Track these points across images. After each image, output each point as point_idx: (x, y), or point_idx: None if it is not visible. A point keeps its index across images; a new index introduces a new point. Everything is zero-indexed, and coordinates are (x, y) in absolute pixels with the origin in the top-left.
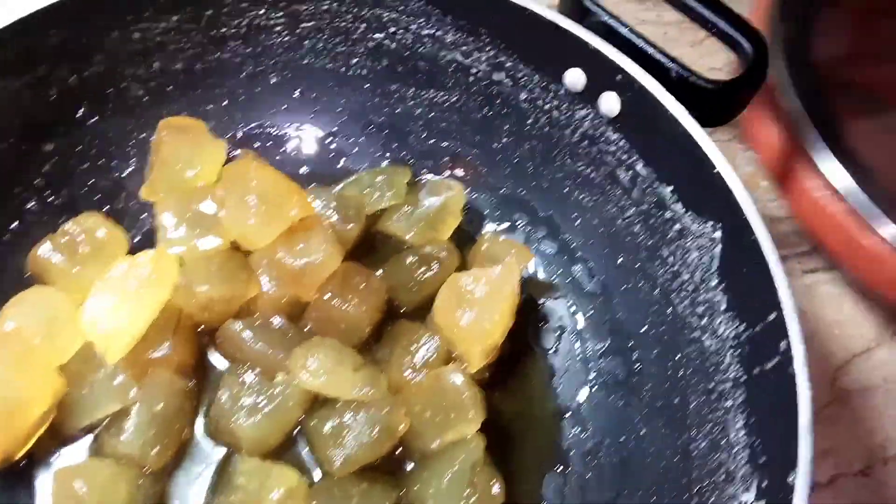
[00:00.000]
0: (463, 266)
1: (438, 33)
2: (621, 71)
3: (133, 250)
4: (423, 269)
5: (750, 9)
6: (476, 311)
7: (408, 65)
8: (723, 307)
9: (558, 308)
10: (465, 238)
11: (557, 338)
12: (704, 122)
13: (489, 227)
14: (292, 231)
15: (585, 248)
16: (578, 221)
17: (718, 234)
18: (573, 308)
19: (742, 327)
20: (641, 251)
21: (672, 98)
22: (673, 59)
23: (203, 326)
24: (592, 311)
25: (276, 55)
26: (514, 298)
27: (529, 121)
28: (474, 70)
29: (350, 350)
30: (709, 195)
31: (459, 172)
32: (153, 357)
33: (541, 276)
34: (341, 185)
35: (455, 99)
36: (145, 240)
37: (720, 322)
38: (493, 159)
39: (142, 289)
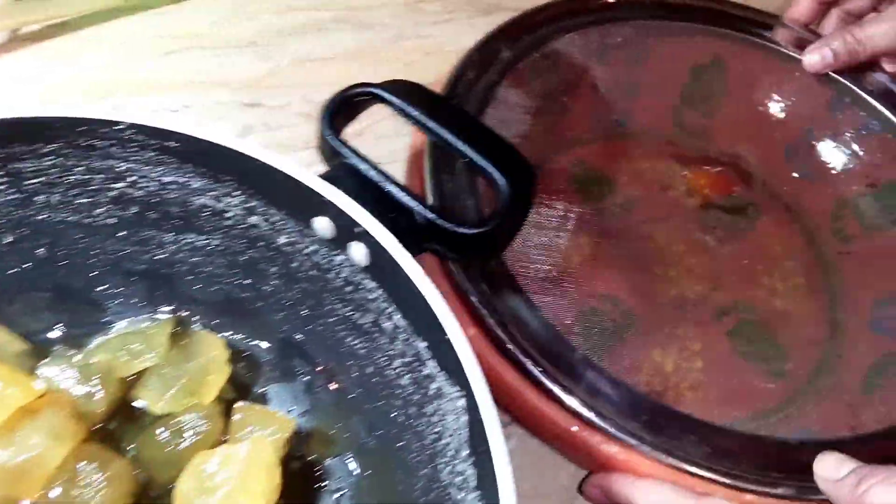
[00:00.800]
0: (225, 432)
1: (182, 180)
2: (356, 223)
3: None
4: (177, 442)
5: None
6: (223, 499)
7: (159, 211)
8: (473, 483)
9: (337, 467)
10: (245, 393)
11: (336, 501)
12: (469, 261)
13: (265, 377)
14: (19, 416)
15: (362, 399)
16: (355, 370)
17: (463, 402)
18: (352, 466)
19: None
20: (411, 406)
21: (404, 252)
22: (423, 203)
23: None
24: (371, 472)
25: (4, 215)
26: (269, 478)
27: (294, 264)
28: (229, 214)
29: None
30: (451, 359)
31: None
32: None
33: (320, 430)
34: (88, 348)
35: (217, 243)
36: None
37: (471, 499)
38: (267, 303)
39: None
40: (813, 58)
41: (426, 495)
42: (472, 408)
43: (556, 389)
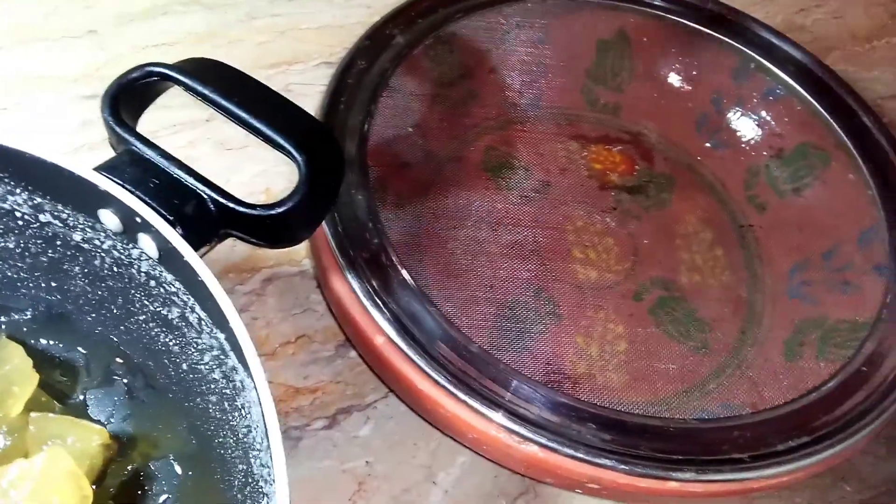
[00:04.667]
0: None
1: None
2: (136, 213)
3: None
4: None
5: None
6: None
7: None
8: (272, 476)
9: (161, 471)
10: (63, 401)
11: None
12: (276, 246)
13: (83, 383)
14: None
15: (181, 398)
16: (171, 368)
17: (255, 394)
18: (177, 468)
19: None
20: (224, 401)
21: (181, 240)
22: (213, 187)
23: None
24: (192, 472)
25: None
26: (74, 489)
27: (96, 261)
28: (18, 213)
29: None
30: (239, 350)
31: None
32: None
33: (143, 433)
34: None
35: (13, 245)
36: None
37: (272, 491)
38: (77, 305)
39: None
40: None
41: (242, 490)
42: (261, 402)
43: (461, 394)
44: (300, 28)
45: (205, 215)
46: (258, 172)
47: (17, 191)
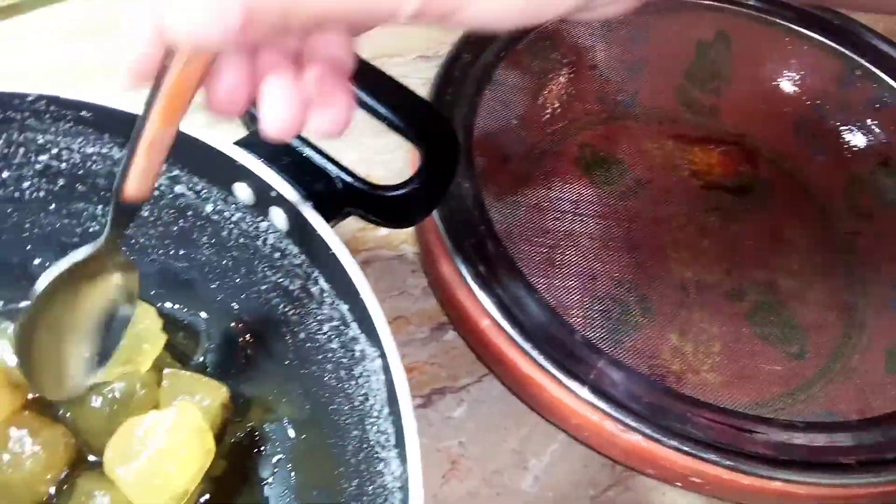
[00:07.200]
0: None
1: (104, 151)
2: (270, 188)
3: None
4: (113, 409)
5: None
6: (147, 463)
7: (87, 183)
8: (392, 441)
9: (276, 433)
10: (184, 362)
11: (274, 465)
12: (394, 225)
13: (204, 346)
14: None
15: (297, 365)
16: (288, 336)
17: (380, 362)
18: (290, 431)
19: (401, 468)
20: (341, 369)
21: (316, 215)
22: (340, 166)
23: None
24: (306, 436)
25: None
26: (200, 443)
27: (224, 232)
28: (156, 184)
29: None
30: (367, 321)
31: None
32: None
33: (259, 397)
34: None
35: (147, 214)
36: None
37: (392, 456)
38: (202, 273)
39: None
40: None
41: (356, 455)
42: (387, 368)
43: (567, 380)
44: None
45: (332, 192)
46: (358, 160)
47: None
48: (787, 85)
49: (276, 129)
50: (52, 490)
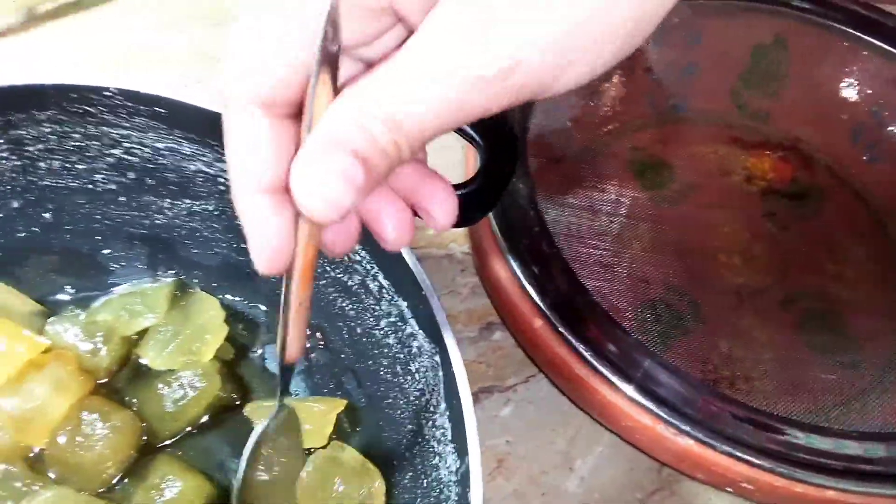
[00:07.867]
0: (224, 390)
1: (173, 146)
2: None
3: None
4: (177, 397)
5: None
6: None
7: (156, 176)
8: (448, 436)
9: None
10: (244, 353)
11: None
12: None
13: (263, 338)
14: (27, 369)
15: (353, 359)
16: (345, 330)
17: (437, 358)
18: (344, 424)
19: (458, 462)
20: (396, 364)
21: None
22: None
23: None
24: (361, 428)
25: (10, 181)
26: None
27: None
28: (221, 179)
29: (86, 498)
30: (426, 318)
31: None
32: None
33: (315, 390)
34: (92, 308)
35: (212, 207)
36: None
37: (449, 451)
38: None
39: None
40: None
41: (411, 449)
42: (446, 364)
43: (619, 382)
44: None
45: None
46: None
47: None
48: (844, 90)
49: (401, 246)
50: (119, 474)
